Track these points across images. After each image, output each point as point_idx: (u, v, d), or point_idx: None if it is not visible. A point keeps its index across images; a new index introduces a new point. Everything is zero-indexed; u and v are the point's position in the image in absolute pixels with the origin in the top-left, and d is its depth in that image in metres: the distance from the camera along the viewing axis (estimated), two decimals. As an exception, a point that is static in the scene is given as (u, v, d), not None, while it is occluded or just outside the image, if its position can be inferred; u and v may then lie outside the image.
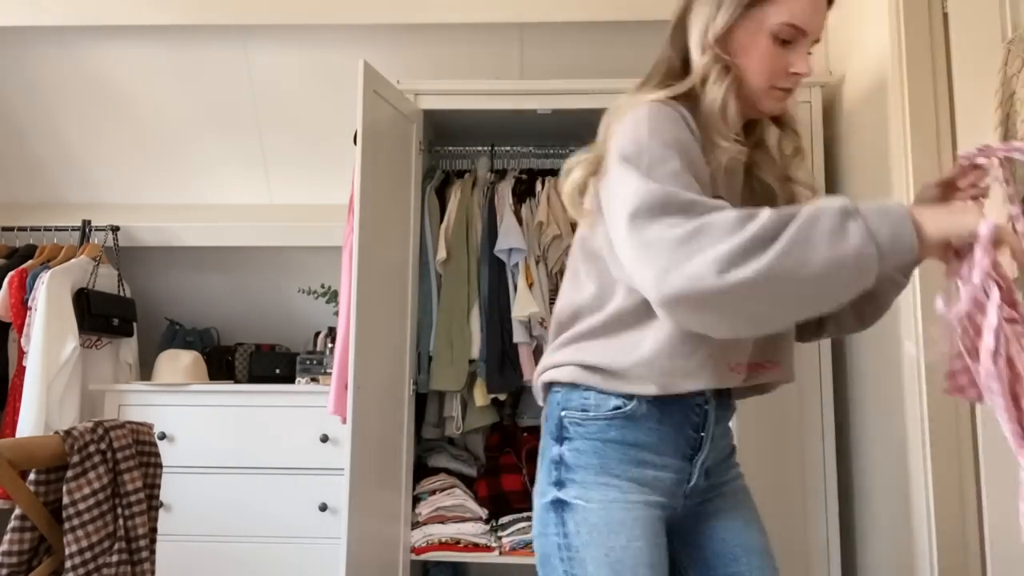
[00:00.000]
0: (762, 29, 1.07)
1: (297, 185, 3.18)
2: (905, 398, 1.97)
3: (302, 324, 3.22)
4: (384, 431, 2.23)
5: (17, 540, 1.34)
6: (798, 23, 1.06)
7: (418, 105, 2.45)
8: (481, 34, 2.77)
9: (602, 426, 1.10)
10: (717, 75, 1.08)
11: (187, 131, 3.07)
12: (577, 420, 1.11)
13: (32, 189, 3.23)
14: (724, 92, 1.08)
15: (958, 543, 1.83)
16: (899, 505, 2.00)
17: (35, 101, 3.01)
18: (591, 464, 1.10)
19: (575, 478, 1.10)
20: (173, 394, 2.72)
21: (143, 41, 2.82)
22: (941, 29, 1.96)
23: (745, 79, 1.09)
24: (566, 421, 1.12)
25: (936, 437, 1.86)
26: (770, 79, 1.09)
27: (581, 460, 1.10)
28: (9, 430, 2.68)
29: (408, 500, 2.36)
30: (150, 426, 1.61)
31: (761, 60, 1.08)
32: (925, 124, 1.95)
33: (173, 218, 3.16)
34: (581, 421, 1.11)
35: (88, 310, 2.78)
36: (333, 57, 2.81)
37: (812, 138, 2.38)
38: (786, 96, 1.12)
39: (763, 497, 2.20)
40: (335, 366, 2.33)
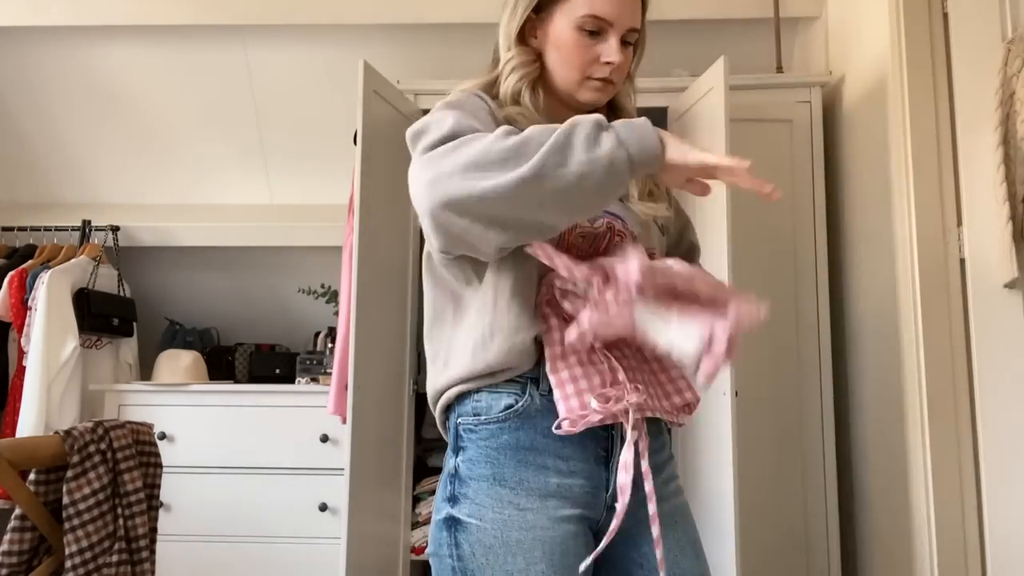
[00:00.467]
0: (568, 23, 1.11)
1: (297, 185, 3.18)
2: (905, 398, 1.97)
3: (302, 324, 3.22)
4: (384, 431, 2.23)
5: (17, 540, 1.34)
6: (600, 14, 1.10)
7: (418, 105, 2.45)
8: (481, 34, 2.75)
9: (493, 430, 1.01)
10: (513, 67, 1.15)
11: (187, 131, 3.07)
12: (470, 426, 1.03)
13: (32, 189, 3.23)
14: (517, 80, 1.14)
15: (958, 543, 1.83)
16: (899, 505, 2.00)
17: (35, 101, 3.01)
18: (484, 475, 1.00)
19: (468, 492, 1.01)
20: (173, 394, 2.72)
21: (143, 41, 2.82)
22: (941, 29, 1.97)
23: (557, 72, 1.14)
24: (460, 429, 1.04)
25: (936, 437, 1.86)
26: (581, 70, 1.12)
27: (474, 471, 1.01)
28: (9, 430, 2.68)
29: (408, 500, 2.36)
30: (150, 426, 1.61)
31: (569, 52, 1.12)
32: (925, 124, 1.95)
33: (173, 218, 3.16)
34: (474, 427, 1.03)
35: (88, 310, 2.78)
36: (333, 57, 2.81)
37: (812, 138, 2.38)
38: (605, 86, 1.14)
39: (763, 497, 2.22)
40: (335, 366, 2.33)
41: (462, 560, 0.99)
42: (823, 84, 2.41)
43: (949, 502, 1.84)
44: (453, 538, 1.01)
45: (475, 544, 0.99)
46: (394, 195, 2.32)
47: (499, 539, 0.98)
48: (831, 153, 2.42)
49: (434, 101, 2.43)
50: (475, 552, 0.99)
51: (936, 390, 1.88)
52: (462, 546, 1.00)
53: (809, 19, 2.66)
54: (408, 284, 2.38)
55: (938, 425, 1.87)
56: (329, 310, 3.04)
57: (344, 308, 2.30)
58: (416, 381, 2.40)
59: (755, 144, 2.35)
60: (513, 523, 0.98)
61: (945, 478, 1.85)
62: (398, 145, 2.34)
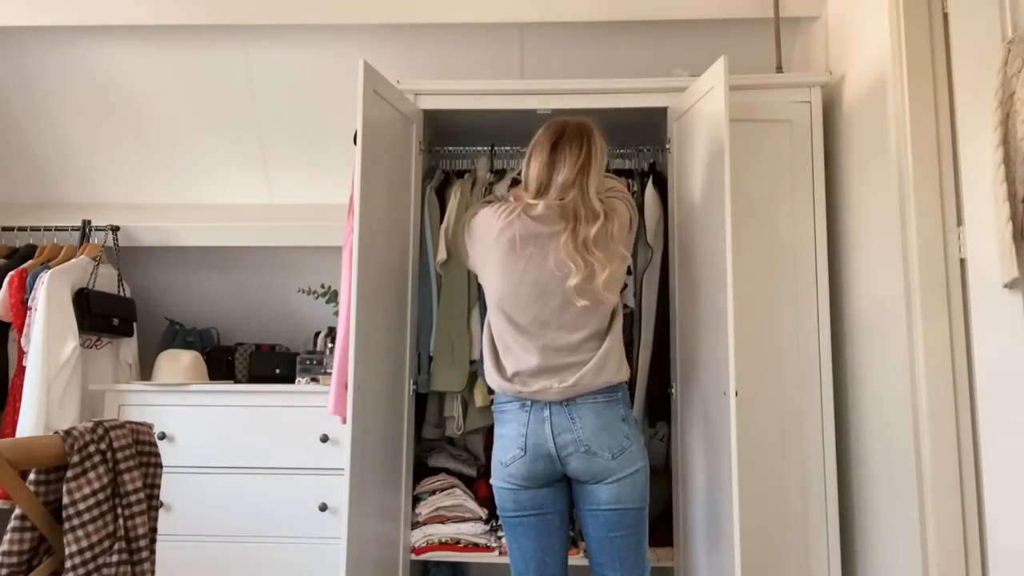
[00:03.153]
0: None
1: (297, 185, 3.18)
2: (905, 398, 1.97)
3: (302, 324, 3.22)
4: (384, 431, 2.23)
5: (17, 540, 1.34)
6: None
7: (418, 105, 2.45)
8: (481, 34, 2.77)
9: None
10: None
11: (187, 131, 3.07)
12: None
13: (32, 189, 3.23)
14: None
15: (958, 543, 1.83)
16: (899, 504, 2.00)
17: (35, 101, 3.01)
18: None
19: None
20: (173, 394, 2.72)
21: (143, 41, 2.82)
22: (941, 29, 1.97)
23: None
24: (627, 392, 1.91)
25: (936, 437, 1.87)
26: None
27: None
28: (9, 430, 2.68)
29: (408, 500, 2.36)
30: (150, 426, 1.61)
31: None
32: (925, 124, 1.96)
33: (173, 218, 3.16)
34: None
35: (88, 310, 2.78)
36: (333, 57, 2.81)
37: (812, 138, 2.38)
38: None
39: (763, 496, 2.22)
40: (335, 366, 2.33)
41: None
42: (823, 84, 2.41)
43: (949, 502, 1.84)
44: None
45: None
46: (394, 195, 2.32)
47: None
48: (831, 153, 2.42)
49: (434, 101, 2.47)
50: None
51: (936, 390, 1.88)
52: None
53: (809, 19, 2.66)
54: (408, 284, 2.38)
55: (938, 425, 1.87)
56: (329, 310, 3.04)
57: (344, 308, 2.30)
58: (416, 381, 2.40)
59: (755, 144, 2.35)
60: None
61: (945, 478, 1.85)
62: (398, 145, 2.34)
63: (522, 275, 1.82)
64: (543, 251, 1.81)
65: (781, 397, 2.29)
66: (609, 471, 1.78)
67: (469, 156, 2.70)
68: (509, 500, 1.86)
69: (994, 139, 1.73)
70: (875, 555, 2.15)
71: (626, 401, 1.87)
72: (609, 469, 1.78)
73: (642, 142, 2.61)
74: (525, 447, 1.81)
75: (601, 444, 1.78)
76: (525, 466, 1.82)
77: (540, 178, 1.85)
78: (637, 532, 1.84)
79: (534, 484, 1.83)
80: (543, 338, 1.82)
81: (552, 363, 1.80)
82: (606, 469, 1.78)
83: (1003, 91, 1.73)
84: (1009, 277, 1.72)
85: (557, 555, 1.89)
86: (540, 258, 1.81)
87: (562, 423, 1.80)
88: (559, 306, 1.81)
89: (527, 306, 1.82)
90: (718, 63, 2.04)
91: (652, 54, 2.74)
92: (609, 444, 1.78)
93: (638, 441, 1.83)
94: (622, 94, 2.40)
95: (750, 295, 2.28)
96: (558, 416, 1.80)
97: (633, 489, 1.80)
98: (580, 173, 1.82)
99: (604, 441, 1.78)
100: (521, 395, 1.82)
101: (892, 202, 2.03)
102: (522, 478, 1.83)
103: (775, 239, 2.35)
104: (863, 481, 2.22)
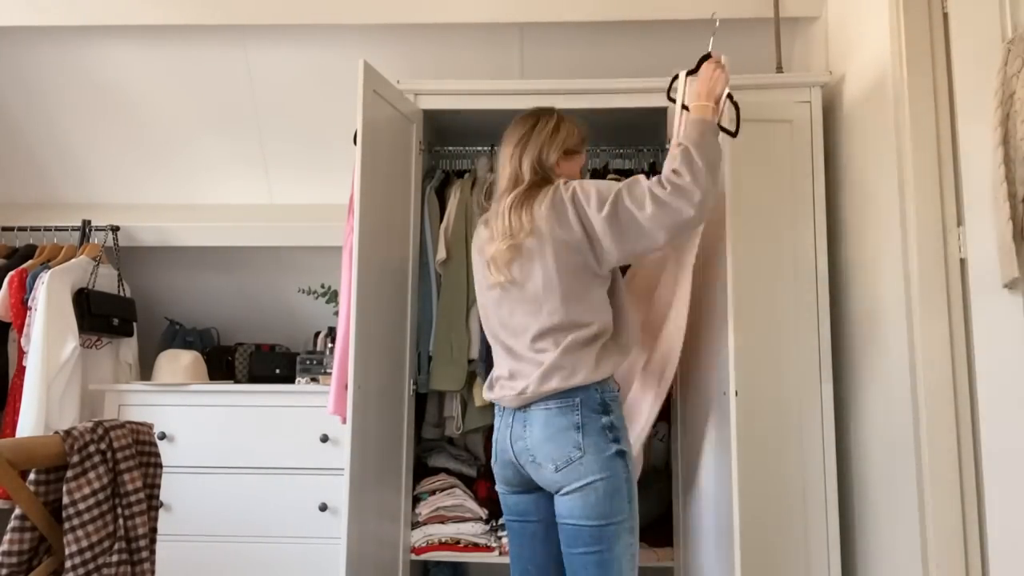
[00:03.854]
0: (575, 171, 1.88)
1: (297, 185, 3.18)
2: (905, 398, 1.97)
3: (302, 324, 3.22)
4: (384, 431, 2.23)
5: (17, 540, 1.34)
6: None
7: (418, 105, 2.45)
8: (481, 34, 2.77)
9: (620, 402, 1.78)
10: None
11: (187, 131, 3.07)
12: (614, 396, 1.74)
13: (32, 189, 3.23)
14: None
15: (958, 543, 1.83)
16: (899, 505, 2.00)
17: (35, 101, 3.01)
18: (623, 427, 1.73)
19: (623, 436, 1.70)
20: (173, 394, 2.72)
21: (143, 41, 2.82)
22: (941, 29, 1.97)
23: None
24: (607, 398, 1.70)
25: (936, 437, 1.86)
26: None
27: (621, 423, 1.72)
28: (9, 430, 2.68)
29: (408, 500, 2.36)
30: (150, 426, 1.61)
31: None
32: (925, 124, 1.95)
33: (173, 218, 3.16)
34: (615, 397, 1.73)
35: (88, 310, 2.78)
36: (333, 57, 2.81)
37: (812, 138, 2.38)
38: None
39: (763, 496, 2.22)
40: (335, 366, 2.33)
41: (630, 474, 1.68)
42: (823, 84, 2.41)
43: (949, 502, 1.84)
44: (625, 463, 1.67)
45: (631, 466, 1.70)
46: (394, 195, 2.32)
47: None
48: (831, 153, 2.42)
49: (434, 101, 2.47)
50: (632, 470, 1.70)
51: (936, 390, 1.88)
52: (629, 467, 1.68)
53: (809, 19, 2.66)
54: (408, 284, 2.38)
55: (938, 425, 1.87)
56: (329, 310, 3.04)
57: (344, 308, 2.30)
58: (416, 381, 2.40)
59: (755, 144, 2.35)
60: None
61: (945, 478, 1.85)
62: (398, 145, 2.34)
63: (488, 279, 1.80)
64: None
65: (781, 397, 2.29)
66: (556, 483, 1.66)
67: (469, 156, 2.71)
68: (501, 502, 1.85)
69: (994, 139, 1.73)
70: (875, 555, 2.15)
71: (589, 406, 1.67)
72: (556, 481, 1.65)
73: (642, 142, 2.61)
74: (496, 452, 1.80)
75: (545, 454, 1.66)
76: (499, 471, 1.80)
77: (506, 174, 1.83)
78: (600, 553, 1.63)
79: (512, 489, 1.79)
80: (506, 343, 1.78)
81: (512, 368, 1.75)
82: (553, 481, 1.66)
83: (1003, 91, 1.73)
84: (1009, 277, 1.72)
85: (541, 566, 1.78)
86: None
87: (518, 431, 1.72)
88: (508, 308, 1.77)
89: (494, 311, 1.80)
90: (718, 63, 2.03)
91: (652, 54, 2.74)
92: (553, 455, 1.65)
93: (596, 451, 1.64)
94: (622, 94, 2.40)
95: (750, 295, 2.28)
96: (516, 423, 1.73)
97: (585, 504, 1.61)
98: (517, 145, 1.80)
99: (548, 451, 1.66)
100: (495, 400, 1.80)
101: (892, 202, 2.03)
102: (503, 481, 1.81)
103: (775, 239, 2.35)
104: (863, 481, 2.22)
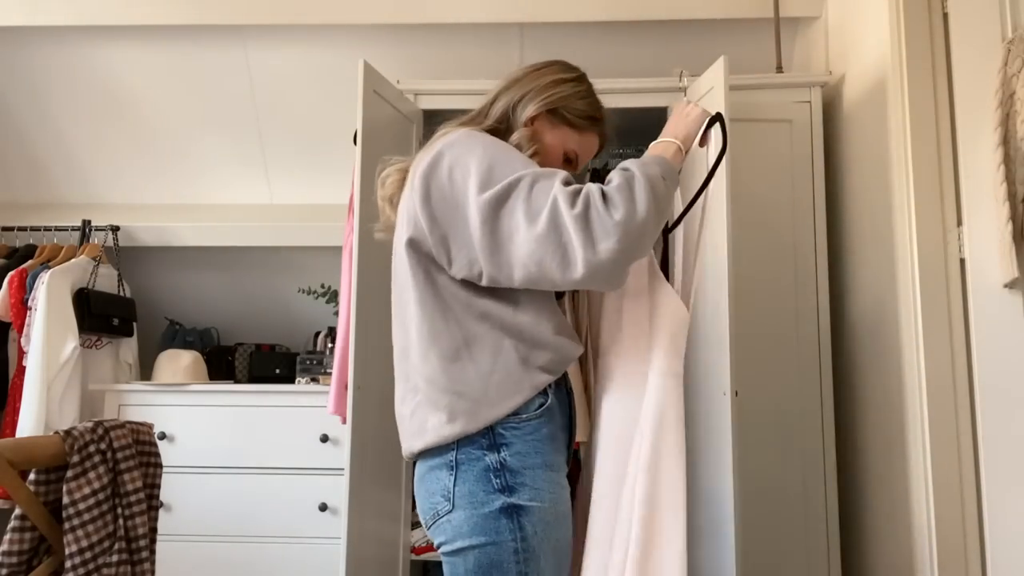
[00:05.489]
0: (559, 143, 1.38)
1: (297, 185, 3.18)
2: (905, 398, 1.97)
3: (302, 324, 3.22)
4: (384, 431, 2.23)
5: (17, 540, 1.34)
6: (580, 153, 1.41)
7: (418, 105, 2.45)
8: (481, 34, 2.77)
9: (536, 424, 1.20)
10: (526, 140, 1.35)
11: (187, 131, 3.07)
12: (512, 424, 1.18)
13: (32, 189, 3.23)
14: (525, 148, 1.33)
15: (958, 543, 1.83)
16: (899, 505, 2.00)
17: (35, 101, 3.01)
18: (536, 463, 1.16)
19: (524, 480, 1.14)
20: (173, 394, 2.72)
21: (143, 41, 2.82)
22: (941, 29, 1.97)
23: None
24: (499, 428, 1.17)
25: (936, 437, 1.86)
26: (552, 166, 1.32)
27: (526, 461, 1.16)
28: (9, 430, 2.68)
29: (408, 500, 2.36)
30: (150, 426, 1.61)
31: (547, 160, 1.35)
32: (925, 124, 1.95)
33: (173, 218, 3.16)
34: (517, 424, 1.18)
35: (88, 310, 2.78)
36: (333, 57, 2.81)
37: (812, 138, 2.38)
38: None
39: (763, 497, 2.21)
40: (335, 366, 2.33)
41: (526, 540, 1.12)
42: (823, 84, 2.41)
43: (949, 502, 1.84)
44: (516, 522, 1.12)
45: (537, 524, 1.13)
46: (394, 195, 2.32)
47: (555, 515, 1.14)
48: (831, 153, 2.42)
49: (434, 101, 2.46)
50: (536, 531, 1.12)
51: (936, 390, 1.88)
52: (526, 528, 1.12)
53: (809, 19, 2.66)
54: (408, 284, 2.38)
55: (938, 425, 1.87)
56: (329, 310, 3.04)
57: (344, 308, 2.30)
58: (416, 381, 2.40)
59: (755, 144, 2.35)
60: (562, 499, 1.17)
61: (945, 478, 1.85)
62: (398, 145, 2.34)
63: None
64: None
65: (781, 397, 2.29)
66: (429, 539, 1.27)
67: (469, 156, 2.70)
68: None
69: (994, 139, 1.73)
70: (875, 555, 2.15)
71: (471, 457, 1.18)
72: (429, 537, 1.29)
73: (642, 142, 2.60)
74: None
75: (420, 505, 1.27)
76: None
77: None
78: None
79: None
80: None
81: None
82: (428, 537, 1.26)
83: (1003, 91, 1.73)
84: (1009, 277, 1.72)
85: None
86: None
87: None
88: None
89: None
90: (718, 63, 2.04)
91: (652, 54, 2.74)
92: (423, 507, 1.26)
93: (470, 508, 1.16)
94: (622, 94, 2.40)
95: (750, 295, 2.28)
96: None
97: (452, 571, 1.21)
98: (507, 83, 1.43)
99: (420, 501, 1.27)
100: None
101: (892, 202, 2.03)
102: None
103: (775, 239, 2.35)
104: (863, 481, 2.22)
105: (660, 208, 1.12)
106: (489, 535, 1.13)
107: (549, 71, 1.40)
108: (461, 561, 1.16)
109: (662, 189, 1.14)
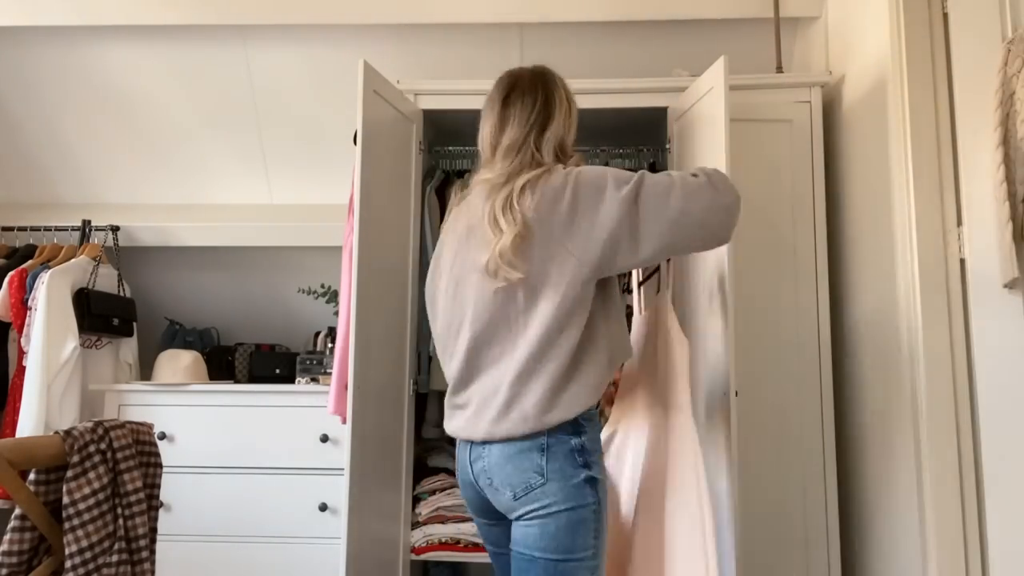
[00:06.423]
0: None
1: (297, 185, 3.18)
2: (905, 398, 1.97)
3: (302, 324, 3.22)
4: (384, 431, 2.23)
5: (17, 540, 1.34)
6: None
7: (418, 105, 2.45)
8: (481, 34, 2.77)
9: (596, 424, 1.52)
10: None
11: (187, 131, 3.07)
12: (588, 416, 1.48)
13: (32, 189, 3.23)
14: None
15: (958, 543, 1.83)
16: (899, 505, 2.00)
17: (35, 101, 3.01)
18: (598, 450, 1.48)
19: (595, 460, 1.45)
20: (173, 394, 2.72)
21: (143, 41, 2.82)
22: (941, 29, 1.97)
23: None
24: (581, 419, 1.45)
25: (936, 437, 1.87)
26: None
27: (595, 447, 1.47)
28: (9, 430, 2.68)
29: (408, 500, 2.36)
30: (150, 426, 1.61)
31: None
32: (925, 124, 1.96)
33: (173, 218, 3.16)
34: (590, 418, 1.48)
35: (88, 310, 2.78)
36: (333, 57, 2.81)
37: (812, 138, 2.38)
38: None
39: (763, 497, 2.22)
40: (335, 366, 2.33)
41: (599, 503, 1.42)
42: (823, 84, 2.41)
43: (949, 502, 1.84)
44: (595, 490, 1.42)
45: (602, 492, 1.44)
46: (394, 195, 2.32)
47: (608, 486, 1.50)
48: (831, 153, 2.42)
49: (434, 101, 2.47)
50: (601, 497, 1.43)
51: (936, 390, 1.88)
52: (599, 494, 1.43)
53: (809, 19, 2.66)
54: (408, 284, 2.38)
55: (938, 425, 1.87)
56: (329, 310, 3.04)
57: (344, 308, 2.30)
58: (416, 381, 2.40)
59: (755, 144, 2.36)
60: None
61: (945, 478, 1.85)
62: (398, 145, 2.34)
63: None
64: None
65: (781, 397, 2.29)
66: (512, 509, 1.44)
67: (469, 156, 2.70)
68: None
69: (994, 139, 1.73)
70: (875, 555, 2.15)
71: (559, 439, 1.43)
72: (512, 508, 1.44)
73: (642, 142, 2.61)
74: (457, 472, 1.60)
75: (503, 479, 1.44)
76: (462, 492, 1.59)
77: (491, 142, 1.57)
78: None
79: (478, 515, 1.59)
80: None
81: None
82: (511, 508, 1.44)
83: (1003, 91, 1.73)
84: (1009, 277, 1.72)
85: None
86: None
87: (478, 449, 1.49)
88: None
89: None
90: (718, 63, 2.04)
91: (652, 54, 2.74)
92: (511, 480, 1.43)
93: (561, 478, 1.41)
94: (622, 94, 2.40)
95: (750, 295, 2.28)
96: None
97: (543, 532, 1.40)
98: (532, 130, 1.52)
99: (507, 475, 1.43)
100: None
101: (892, 202, 2.03)
102: (468, 505, 1.60)
103: (775, 239, 2.35)
104: (863, 481, 2.22)
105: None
106: (577, 500, 1.40)
107: (566, 89, 1.61)
108: (552, 520, 1.39)
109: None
